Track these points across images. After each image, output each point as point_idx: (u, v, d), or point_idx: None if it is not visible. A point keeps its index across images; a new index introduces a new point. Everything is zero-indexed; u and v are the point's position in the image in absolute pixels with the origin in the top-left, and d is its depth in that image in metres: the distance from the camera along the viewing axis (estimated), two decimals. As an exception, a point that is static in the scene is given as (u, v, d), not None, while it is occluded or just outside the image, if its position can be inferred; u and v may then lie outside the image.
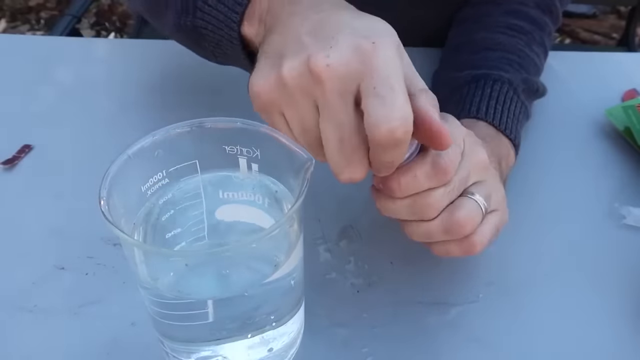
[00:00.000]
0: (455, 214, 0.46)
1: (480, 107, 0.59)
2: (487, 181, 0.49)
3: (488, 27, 0.69)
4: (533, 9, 0.70)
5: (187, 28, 0.55)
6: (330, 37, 0.39)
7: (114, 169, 0.39)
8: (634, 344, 0.50)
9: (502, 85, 0.61)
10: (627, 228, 0.59)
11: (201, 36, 0.54)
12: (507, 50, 0.65)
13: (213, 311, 0.39)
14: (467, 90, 0.61)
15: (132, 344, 0.48)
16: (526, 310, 0.52)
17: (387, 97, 0.38)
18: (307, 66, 0.39)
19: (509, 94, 0.61)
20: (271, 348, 0.44)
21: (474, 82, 0.62)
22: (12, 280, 0.52)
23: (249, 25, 0.49)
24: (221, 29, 0.52)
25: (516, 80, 0.62)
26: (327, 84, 0.39)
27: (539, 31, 0.69)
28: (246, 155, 0.43)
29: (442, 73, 0.69)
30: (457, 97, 0.62)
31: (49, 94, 0.72)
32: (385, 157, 0.40)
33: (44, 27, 2.23)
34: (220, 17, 0.51)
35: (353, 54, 0.38)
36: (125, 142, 0.41)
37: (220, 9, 0.51)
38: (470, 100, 0.60)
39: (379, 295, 0.53)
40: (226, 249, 0.40)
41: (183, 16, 0.55)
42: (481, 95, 0.60)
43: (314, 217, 0.58)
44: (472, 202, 0.46)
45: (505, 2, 0.70)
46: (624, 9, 2.10)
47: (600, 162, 0.67)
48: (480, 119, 0.58)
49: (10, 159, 0.62)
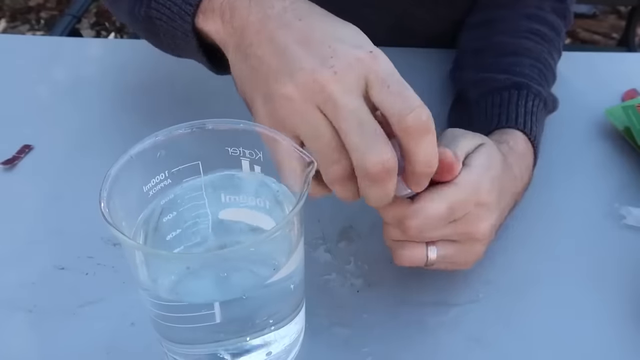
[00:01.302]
0: (398, 251, 0.48)
1: (527, 122, 0.58)
2: (461, 244, 0.48)
3: (509, 32, 0.68)
4: (550, 14, 0.70)
5: (141, 18, 0.55)
6: (327, 46, 0.41)
7: (115, 170, 0.39)
8: (634, 344, 0.50)
9: (540, 101, 0.61)
10: (627, 228, 0.59)
11: (155, 27, 0.54)
12: (535, 59, 0.65)
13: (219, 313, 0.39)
14: (509, 96, 0.60)
15: (132, 344, 0.48)
16: (526, 310, 0.52)
17: (403, 91, 0.40)
18: (313, 80, 0.40)
19: (542, 113, 0.61)
20: (270, 352, 0.44)
21: (515, 89, 0.61)
22: (12, 280, 0.52)
23: (204, 19, 0.48)
24: (174, 21, 0.50)
25: (548, 99, 0.62)
26: (335, 88, 0.40)
27: (558, 38, 0.70)
28: (249, 157, 0.43)
29: (467, 74, 0.68)
30: (496, 100, 0.61)
31: (49, 94, 0.72)
32: (418, 148, 0.41)
33: (44, 27, 2.23)
34: (174, 8, 0.50)
35: (356, 62, 0.40)
36: (125, 142, 0.41)
37: (174, 0, 0.50)
38: (516, 110, 0.59)
39: (379, 295, 0.53)
40: (227, 252, 0.40)
41: (137, 5, 0.54)
42: (525, 106, 0.59)
43: (314, 217, 0.58)
44: (421, 251, 0.47)
45: (522, 7, 0.70)
46: (624, 9, 2.10)
47: (600, 162, 0.67)
48: (525, 133, 0.57)
49: (10, 159, 0.62)
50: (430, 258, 0.47)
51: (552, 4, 0.70)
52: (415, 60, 0.75)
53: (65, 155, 0.64)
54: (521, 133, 0.57)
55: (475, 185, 0.46)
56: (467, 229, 0.47)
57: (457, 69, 0.71)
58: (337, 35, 0.42)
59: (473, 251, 0.49)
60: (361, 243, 0.57)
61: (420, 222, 0.45)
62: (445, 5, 0.77)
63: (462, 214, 0.46)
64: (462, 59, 0.72)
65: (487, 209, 0.47)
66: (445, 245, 0.48)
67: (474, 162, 0.47)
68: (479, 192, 0.47)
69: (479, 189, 0.47)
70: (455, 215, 0.46)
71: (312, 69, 0.40)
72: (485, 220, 0.48)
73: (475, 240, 0.48)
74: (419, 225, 0.45)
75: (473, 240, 0.48)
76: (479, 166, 0.47)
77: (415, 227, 0.45)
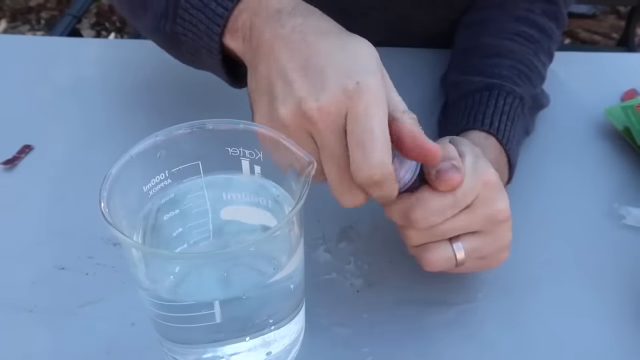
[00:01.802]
0: (424, 256, 0.48)
1: (493, 121, 0.58)
2: (485, 232, 0.48)
3: (496, 33, 0.68)
4: (540, 16, 0.70)
5: (165, 32, 0.56)
6: (320, 74, 0.43)
7: (115, 170, 0.39)
8: (634, 344, 0.50)
9: (514, 99, 0.61)
10: (627, 228, 0.59)
11: (180, 42, 0.55)
12: (517, 60, 0.65)
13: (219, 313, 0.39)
14: (480, 98, 0.61)
15: (132, 344, 0.48)
16: (525, 310, 0.52)
17: (367, 145, 0.41)
18: (300, 109, 0.42)
19: (518, 110, 0.61)
20: (270, 352, 0.44)
21: (486, 91, 0.61)
22: (12, 280, 0.52)
23: (230, 38, 0.50)
24: (201, 38, 0.52)
25: (526, 96, 0.62)
26: (320, 124, 0.42)
27: (547, 39, 0.69)
28: (249, 157, 0.43)
29: (451, 75, 0.69)
30: (469, 102, 0.61)
31: (49, 94, 0.72)
32: (376, 194, 0.44)
33: (44, 27, 2.23)
34: (201, 26, 0.51)
35: (340, 94, 0.42)
36: (125, 142, 0.41)
37: (201, 18, 0.51)
38: (484, 111, 0.59)
39: (379, 295, 0.53)
40: (227, 252, 0.40)
41: (163, 20, 0.55)
42: (494, 106, 0.59)
43: (314, 217, 0.58)
44: (448, 250, 0.47)
45: (513, 8, 0.70)
46: (624, 9, 2.10)
47: (599, 162, 0.67)
48: (491, 134, 0.58)
49: (10, 159, 0.62)
50: (458, 257, 0.47)
51: (542, 6, 0.70)
52: (412, 60, 0.75)
53: (66, 155, 0.64)
54: (485, 134, 0.57)
55: (474, 166, 0.47)
56: (485, 212, 0.47)
57: (447, 70, 0.72)
58: (335, 60, 0.43)
59: (500, 236, 0.48)
60: (361, 243, 0.57)
61: (424, 210, 0.45)
62: (443, 6, 0.77)
63: (472, 198, 0.46)
64: (453, 60, 0.72)
65: (497, 188, 0.47)
66: (469, 238, 0.47)
67: (463, 149, 0.48)
68: (481, 172, 0.47)
69: (478, 169, 0.47)
70: (465, 199, 0.46)
71: (301, 98, 0.42)
72: (500, 198, 0.47)
73: (498, 223, 0.47)
74: (424, 214, 0.45)
75: (496, 224, 0.47)
76: (468, 152, 0.48)
77: (421, 216, 0.45)
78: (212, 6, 0.50)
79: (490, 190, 0.47)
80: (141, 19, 0.60)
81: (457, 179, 0.45)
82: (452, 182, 0.45)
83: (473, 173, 0.46)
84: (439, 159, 0.44)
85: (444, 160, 0.45)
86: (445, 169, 0.45)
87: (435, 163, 0.44)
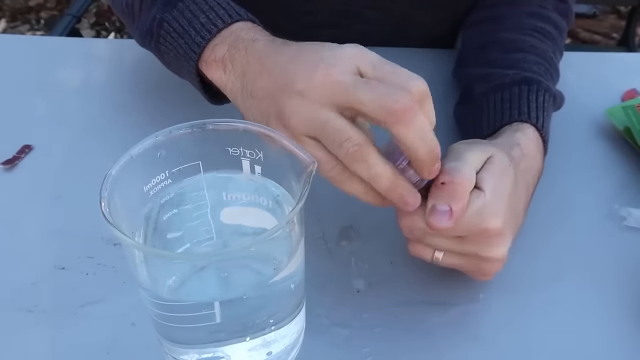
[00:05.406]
0: (408, 243, 0.49)
1: (539, 116, 0.58)
2: (471, 262, 0.49)
3: (514, 28, 0.68)
4: (553, 13, 0.70)
5: (150, 47, 0.59)
6: (309, 62, 0.45)
7: (115, 170, 0.39)
8: (634, 344, 0.50)
9: (550, 97, 0.60)
10: (628, 229, 0.59)
11: (163, 58, 0.59)
12: (540, 56, 0.65)
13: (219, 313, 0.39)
14: (519, 91, 0.60)
15: (132, 344, 0.48)
16: (526, 310, 0.52)
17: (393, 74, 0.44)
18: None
19: (552, 109, 0.61)
20: (270, 352, 0.44)
21: (525, 84, 0.60)
22: (12, 280, 0.52)
23: (207, 67, 0.53)
24: (179, 60, 0.55)
25: (557, 95, 0.62)
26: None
27: (560, 36, 0.70)
28: (249, 157, 0.43)
29: (471, 69, 0.68)
30: (505, 95, 0.60)
31: (49, 94, 0.72)
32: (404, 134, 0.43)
33: (44, 27, 2.23)
34: (180, 50, 0.54)
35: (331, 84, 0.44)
36: (125, 142, 0.41)
37: (180, 43, 0.54)
38: (527, 104, 0.59)
39: (379, 295, 0.53)
40: (227, 252, 0.40)
41: (147, 38, 0.58)
42: (536, 101, 0.59)
43: (314, 217, 0.58)
44: (428, 254, 0.49)
45: (525, 5, 0.70)
46: (624, 9, 2.10)
47: (600, 162, 0.67)
48: (538, 128, 0.57)
49: (10, 159, 0.62)
50: (435, 262, 0.49)
51: (554, 2, 0.70)
52: (414, 60, 0.75)
53: (66, 156, 0.64)
54: (533, 128, 0.57)
55: (482, 209, 0.46)
56: (476, 251, 0.48)
57: (460, 66, 0.71)
58: (322, 54, 0.45)
59: (481, 272, 0.50)
60: (361, 243, 0.57)
61: (412, 222, 0.47)
62: (445, 7, 0.76)
63: (465, 234, 0.47)
64: (465, 56, 0.71)
65: (496, 236, 0.47)
66: (452, 256, 0.49)
67: (484, 186, 0.47)
68: (485, 218, 0.46)
69: (484, 214, 0.46)
70: (457, 232, 0.46)
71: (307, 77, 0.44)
72: (497, 245, 0.47)
73: (486, 262, 0.48)
74: (411, 227, 0.47)
75: (484, 261, 0.48)
76: (488, 192, 0.47)
77: (406, 228, 0.48)
78: (192, 34, 0.53)
79: (488, 237, 0.47)
80: (131, 28, 0.63)
81: (443, 226, 0.45)
82: (438, 227, 0.45)
83: (477, 215, 0.46)
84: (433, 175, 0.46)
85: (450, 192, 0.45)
86: (439, 211, 0.45)
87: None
